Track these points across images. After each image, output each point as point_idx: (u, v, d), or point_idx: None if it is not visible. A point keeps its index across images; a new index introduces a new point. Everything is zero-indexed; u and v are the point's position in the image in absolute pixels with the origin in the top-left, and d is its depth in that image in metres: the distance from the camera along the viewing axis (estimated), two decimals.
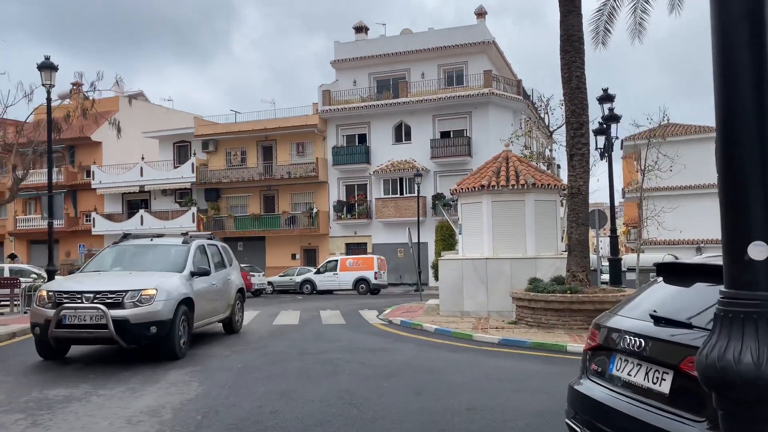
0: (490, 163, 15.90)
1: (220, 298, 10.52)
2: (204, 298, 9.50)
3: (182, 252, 9.66)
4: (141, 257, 9.73)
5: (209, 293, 9.86)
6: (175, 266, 9.24)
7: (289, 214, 36.19)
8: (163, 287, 8.25)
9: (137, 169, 38.91)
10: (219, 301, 10.46)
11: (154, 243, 10.23)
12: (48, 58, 15.21)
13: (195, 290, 9.11)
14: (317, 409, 5.75)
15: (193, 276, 9.23)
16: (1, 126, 19.56)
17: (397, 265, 34.59)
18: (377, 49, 36.43)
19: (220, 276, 10.55)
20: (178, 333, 8.40)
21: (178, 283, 8.73)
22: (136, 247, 10.08)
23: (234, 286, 11.28)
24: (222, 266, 10.96)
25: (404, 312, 15.70)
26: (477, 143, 33.00)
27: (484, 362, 8.54)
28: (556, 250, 14.75)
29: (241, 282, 11.84)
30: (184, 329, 8.64)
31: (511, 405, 5.99)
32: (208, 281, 9.82)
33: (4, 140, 19.80)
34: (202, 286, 9.50)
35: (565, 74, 12.56)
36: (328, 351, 9.37)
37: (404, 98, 34.49)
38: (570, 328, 11.22)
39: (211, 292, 9.94)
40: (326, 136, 36.25)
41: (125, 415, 5.49)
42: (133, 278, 8.59)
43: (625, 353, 3.45)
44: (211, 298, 10.00)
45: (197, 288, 9.25)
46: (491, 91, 32.78)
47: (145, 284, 8.20)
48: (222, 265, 10.99)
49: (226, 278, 10.89)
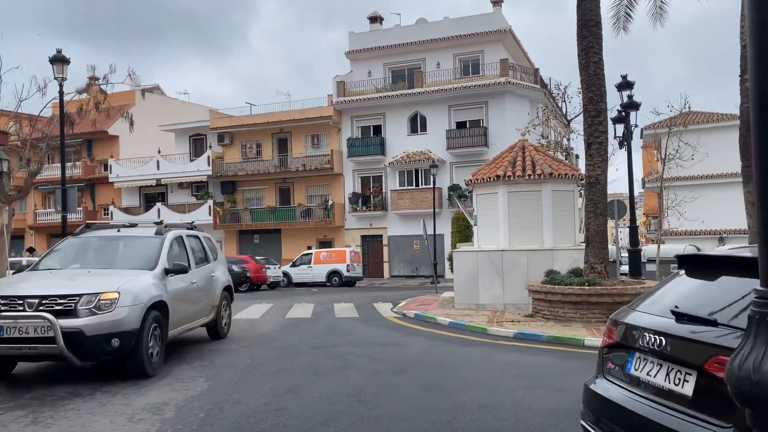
0: (506, 153, 15.59)
1: (203, 299, 8.95)
2: (182, 300, 8.00)
3: (154, 245, 8.06)
4: (104, 252, 8.22)
5: (188, 294, 8.34)
6: (145, 263, 7.68)
7: (304, 206, 36.12)
8: (127, 289, 6.71)
9: (154, 163, 39.09)
10: (201, 303, 8.90)
11: (121, 235, 8.56)
12: (60, 51, 15.17)
13: (170, 291, 7.56)
14: (324, 407, 5.58)
15: (167, 274, 7.67)
16: (16, 120, 19.64)
17: (413, 257, 34.40)
18: (392, 39, 36.09)
19: (201, 273, 9.03)
20: (148, 345, 6.83)
21: (148, 284, 7.15)
22: (100, 240, 8.46)
23: (219, 285, 9.74)
24: (204, 261, 9.44)
25: (419, 305, 15.50)
26: (494, 133, 32.59)
27: (498, 357, 8.32)
28: (573, 242, 14.44)
29: (227, 279, 10.30)
30: (155, 340, 7.10)
31: (525, 403, 5.77)
32: (186, 280, 8.24)
33: (19, 134, 19.87)
34: (180, 286, 7.97)
35: (583, 60, 12.23)
36: (339, 345, 9.21)
37: (419, 88, 34.14)
38: (588, 322, 10.94)
39: (190, 292, 8.40)
40: (341, 128, 36.06)
41: (127, 413, 5.37)
42: (91, 279, 7.06)
43: (645, 352, 3.22)
44: (191, 299, 8.48)
45: (173, 288, 7.70)
46: (508, 80, 32.31)
47: (105, 286, 6.63)
48: (204, 259, 9.48)
49: (209, 275, 9.33)
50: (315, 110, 36.09)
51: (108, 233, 8.67)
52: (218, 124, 38.22)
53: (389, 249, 35.11)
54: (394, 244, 35.01)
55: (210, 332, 9.79)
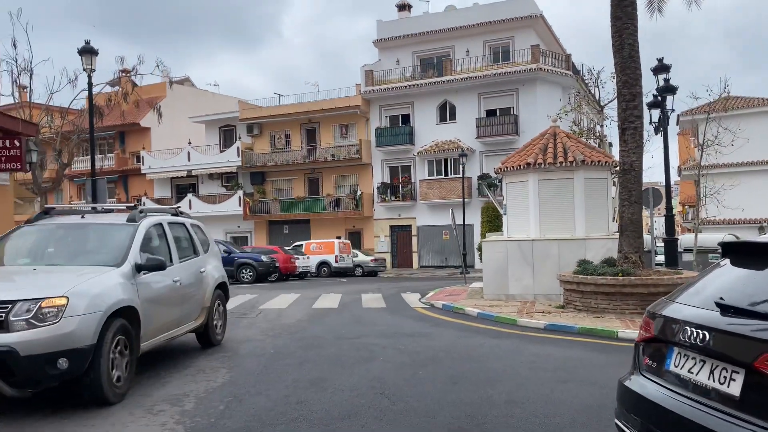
0: (537, 140, 15.20)
1: (189, 301, 7.33)
2: (159, 303, 6.45)
3: (124, 235, 6.42)
4: (62, 244, 6.65)
5: (169, 295, 6.74)
6: (111, 257, 6.09)
7: (333, 196, 36.11)
8: (80, 292, 5.13)
9: (184, 154, 39.49)
10: (186, 305, 7.26)
11: (85, 222, 6.92)
12: (88, 42, 15.28)
13: (143, 293, 6.00)
14: (346, 400, 5.43)
15: (139, 271, 6.06)
16: (48, 112, 19.94)
17: (442, 247, 34.13)
18: (420, 26, 35.67)
19: (187, 268, 7.38)
20: (108, 364, 5.20)
21: (111, 284, 5.54)
22: (58, 229, 6.86)
23: (210, 282, 8.05)
24: (192, 254, 7.82)
25: (447, 295, 15.28)
26: (524, 121, 32.02)
27: (527, 349, 8.06)
28: (607, 231, 14.02)
29: (221, 275, 8.56)
30: (120, 357, 5.49)
31: (555, 397, 5.53)
32: (166, 277, 6.66)
33: (50, 126, 20.18)
34: (156, 286, 6.40)
35: (617, 42, 11.78)
36: (364, 336, 9.06)
37: (448, 76, 33.71)
38: (622, 313, 10.59)
39: (172, 292, 6.80)
40: (369, 118, 35.86)
41: (147, 405, 5.29)
42: (33, 279, 5.60)
43: (686, 347, 2.96)
44: (173, 301, 6.88)
45: (147, 289, 6.13)
46: (539, 67, 31.67)
47: (50, 289, 5.07)
48: (192, 252, 7.85)
49: (197, 271, 7.68)
50: (343, 100, 35.95)
51: (69, 220, 7.04)
52: (247, 115, 38.39)
53: (418, 239, 34.89)
54: (423, 234, 34.78)
55: (200, 339, 8.05)
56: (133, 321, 5.78)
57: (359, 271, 29.75)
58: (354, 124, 36.47)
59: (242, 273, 23.79)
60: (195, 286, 7.59)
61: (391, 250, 35.56)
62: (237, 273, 23.79)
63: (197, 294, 7.66)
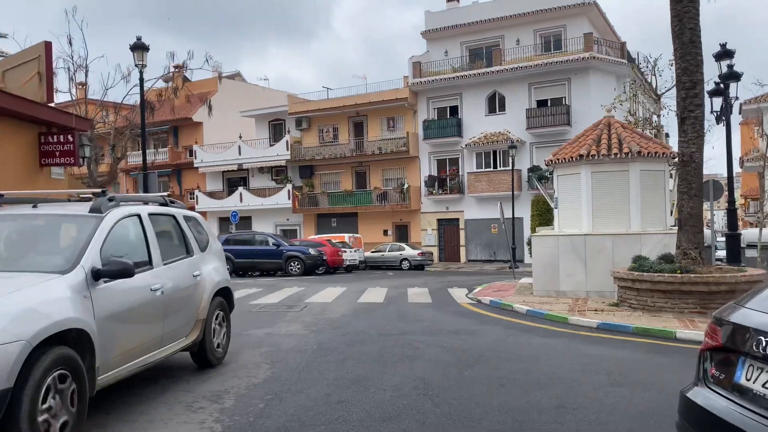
0: (590, 131, 14.66)
1: (176, 313, 5.72)
2: (128, 321, 4.92)
3: (81, 230, 4.94)
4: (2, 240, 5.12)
5: (143, 309, 5.14)
6: (57, 260, 4.61)
7: (380, 189, 36.03)
8: None
9: (235, 148, 40.11)
10: (172, 319, 5.62)
11: (35, 213, 5.32)
12: (140, 38, 15.54)
13: (101, 308, 4.48)
14: (388, 401, 5.26)
15: (98, 279, 4.53)
16: (103, 108, 20.49)
17: (490, 241, 33.60)
18: (469, 16, 35.07)
19: (174, 273, 5.79)
20: (33, 416, 3.62)
21: (47, 299, 4.04)
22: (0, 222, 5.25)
23: (207, 288, 6.43)
24: (184, 253, 6.28)
25: (495, 291, 14.95)
26: (576, 111, 31.13)
27: (579, 349, 7.73)
28: (664, 225, 13.41)
29: (223, 278, 6.91)
30: (61, 402, 3.91)
31: (609, 402, 5.22)
32: (142, 285, 5.09)
33: (105, 122, 20.75)
34: (124, 298, 4.83)
35: (676, 27, 11.17)
36: (409, 332, 8.88)
37: (498, 66, 33.05)
38: (680, 312, 10.07)
39: (148, 305, 5.20)
40: (417, 110, 35.55)
41: (187, 401, 5.26)
42: None
43: (758, 359, 2.67)
44: (150, 316, 5.27)
45: (109, 302, 4.58)
46: (592, 56, 30.68)
47: None
48: (184, 251, 6.31)
49: (188, 275, 6.10)
50: (391, 92, 35.76)
51: (16, 211, 5.41)
52: (296, 108, 38.67)
53: (466, 232, 34.46)
54: (471, 228, 34.32)
55: (195, 357, 6.45)
56: (85, 348, 4.24)
57: (406, 264, 29.59)
58: (401, 117, 36.24)
59: (290, 266, 24.01)
60: (185, 294, 5.97)
61: (439, 244, 35.25)
62: (285, 266, 24.04)
63: (189, 304, 6.04)
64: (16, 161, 11.19)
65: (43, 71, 11.66)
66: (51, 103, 12.21)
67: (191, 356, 6.49)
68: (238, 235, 26.97)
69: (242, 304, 12.60)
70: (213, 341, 6.53)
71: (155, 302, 5.33)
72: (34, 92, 11.73)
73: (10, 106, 10.55)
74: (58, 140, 11.59)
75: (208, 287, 6.47)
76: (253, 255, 24.76)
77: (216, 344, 6.63)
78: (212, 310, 6.52)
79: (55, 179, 12.19)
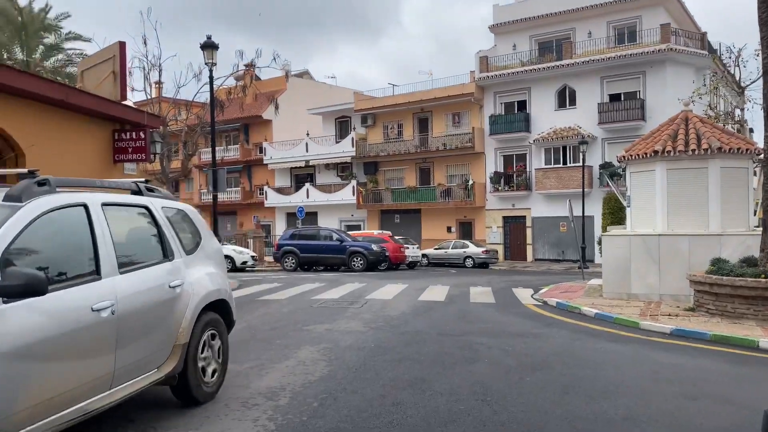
0: (666, 126, 13.92)
1: (136, 340, 4.26)
2: (46, 359, 3.41)
3: None
4: None
5: (73, 337, 3.64)
6: None
7: (444, 186, 35.70)
8: None
9: (303, 145, 40.76)
10: (131, 348, 4.20)
11: None
12: (209, 37, 15.94)
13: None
14: (444, 405, 5.11)
15: None
16: (175, 106, 21.20)
17: (558, 239, 32.70)
18: (539, 9, 34.15)
19: (135, 284, 4.33)
20: None
21: None
22: None
23: (191, 301, 4.93)
24: (159, 257, 4.83)
25: (562, 292, 14.46)
26: (652, 106, 29.79)
27: (650, 357, 7.31)
28: (746, 226, 12.57)
29: (217, 287, 5.36)
30: None
31: (682, 416, 4.88)
32: (74, 303, 3.71)
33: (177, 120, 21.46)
34: (41, 323, 3.40)
35: (763, 14, 10.41)
36: (469, 333, 8.66)
37: (568, 60, 32.04)
38: (763, 320, 9.39)
39: (80, 332, 3.70)
40: (483, 105, 34.97)
41: (244, 396, 5.28)
42: None
43: None
44: (85, 348, 3.76)
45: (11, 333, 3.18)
46: (669, 47, 29.24)
47: None
48: (159, 253, 4.86)
49: (161, 285, 4.65)
50: (456, 88, 35.33)
51: None
52: (362, 105, 38.87)
53: (533, 231, 33.65)
54: (538, 226, 33.50)
55: (175, 392, 4.96)
56: None
57: (470, 262, 29.20)
58: (467, 112, 35.76)
59: (353, 261, 24.15)
60: (155, 311, 4.47)
61: (504, 242, 34.59)
62: (348, 261, 24.21)
63: (161, 325, 4.53)
64: (93, 157, 11.69)
65: (117, 70, 12.13)
66: (125, 101, 12.69)
67: (171, 391, 4.92)
68: (304, 230, 27.37)
69: (304, 299, 12.73)
70: (199, 372, 4.96)
71: (100, 326, 3.84)
72: (109, 91, 12.22)
73: (88, 105, 11.03)
74: (130, 137, 12.03)
75: (193, 301, 4.91)
76: (317, 250, 25.08)
77: (205, 374, 5.06)
78: (199, 331, 4.97)
79: (129, 174, 12.66)
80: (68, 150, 10.86)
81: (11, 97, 9.42)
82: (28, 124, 9.85)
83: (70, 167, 10.89)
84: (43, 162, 9.98)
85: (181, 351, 4.72)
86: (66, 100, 10.31)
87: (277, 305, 11.62)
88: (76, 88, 11.86)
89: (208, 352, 5.18)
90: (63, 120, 10.72)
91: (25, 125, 9.78)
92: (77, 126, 11.13)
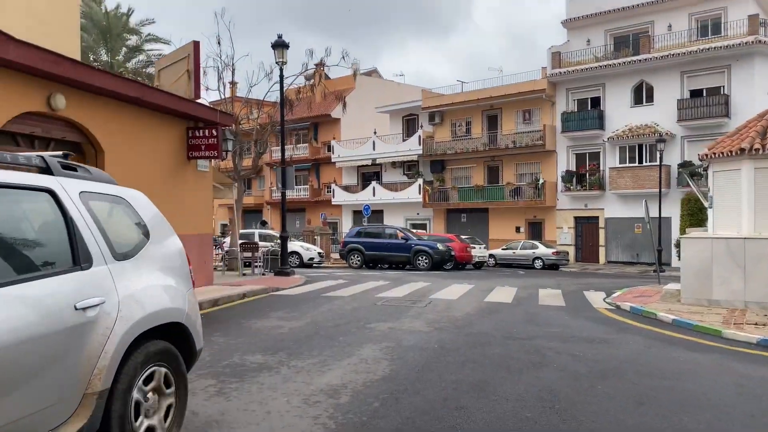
0: (753, 122, 13.05)
1: (9, 391, 2.64)
2: None
3: None
4: None
5: None
6: None
7: (513, 185, 34.98)
8: None
9: (370, 143, 40.96)
10: None
11: None
12: (280, 36, 16.19)
13: None
14: (510, 411, 4.91)
15: None
16: (248, 105, 21.70)
17: (633, 241, 31.42)
18: (615, 2, 32.87)
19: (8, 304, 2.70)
20: None
21: None
22: None
23: (119, 326, 3.31)
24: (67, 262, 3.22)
25: (636, 296, 13.82)
26: (737, 102, 28.12)
27: (734, 368, 6.82)
28: None
29: (174, 305, 3.87)
30: None
31: None
32: None
33: (249, 119, 21.94)
34: None
35: None
36: (537, 337, 8.37)
37: (646, 54, 30.69)
38: None
39: None
40: (555, 102, 34.03)
41: (305, 393, 5.26)
42: None
43: None
44: None
45: None
46: (758, 39, 27.49)
47: None
48: (66, 257, 3.24)
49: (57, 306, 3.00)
50: (527, 84, 34.54)
51: None
52: (429, 103, 38.64)
53: (606, 232, 32.48)
54: (611, 227, 32.30)
55: None
56: None
57: (539, 263, 28.50)
58: (538, 110, 34.89)
59: (418, 260, 24.00)
60: (41, 346, 2.87)
61: (575, 243, 33.55)
62: (413, 259, 24.09)
63: (54, 366, 2.95)
64: (168, 154, 12.08)
65: (191, 69, 12.48)
66: (198, 99, 13.04)
67: None
68: (369, 227, 27.48)
69: (368, 296, 12.71)
70: (130, 430, 3.35)
71: None
72: (183, 89, 12.59)
73: (162, 102, 11.39)
74: (203, 134, 12.35)
75: (121, 326, 3.34)
76: (382, 248, 25.10)
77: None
78: (132, 371, 3.40)
79: (201, 171, 13.01)
80: (144, 146, 11.25)
81: (90, 95, 9.80)
82: (107, 121, 10.26)
83: (145, 163, 11.29)
84: (120, 158, 10.39)
85: (96, 403, 3.14)
86: (142, 98, 10.68)
87: (341, 302, 11.65)
88: (151, 87, 12.29)
89: (150, 400, 3.55)
90: (139, 117, 11.12)
91: (104, 123, 10.18)
92: (152, 123, 11.51)
